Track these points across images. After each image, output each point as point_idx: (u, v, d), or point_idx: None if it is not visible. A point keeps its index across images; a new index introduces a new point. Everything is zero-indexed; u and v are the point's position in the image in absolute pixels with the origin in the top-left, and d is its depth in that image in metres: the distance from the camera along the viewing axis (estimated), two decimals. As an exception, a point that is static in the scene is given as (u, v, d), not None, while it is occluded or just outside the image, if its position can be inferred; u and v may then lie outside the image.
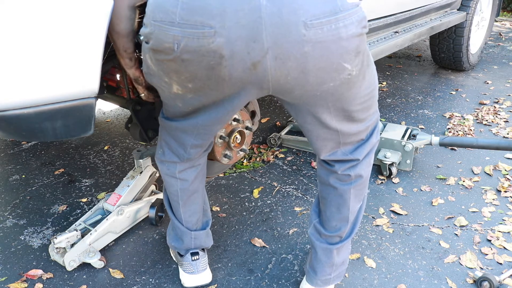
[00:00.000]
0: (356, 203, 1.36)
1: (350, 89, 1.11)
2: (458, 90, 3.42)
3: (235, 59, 0.98)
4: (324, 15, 0.96)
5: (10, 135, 1.16)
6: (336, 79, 1.05)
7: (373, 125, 1.29)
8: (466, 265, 1.67)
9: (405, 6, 2.66)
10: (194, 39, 0.97)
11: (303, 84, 1.04)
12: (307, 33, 0.96)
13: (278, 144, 2.54)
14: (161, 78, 1.11)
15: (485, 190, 2.14)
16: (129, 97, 1.65)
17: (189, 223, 1.50)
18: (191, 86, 1.08)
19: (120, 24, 1.18)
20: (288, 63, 0.99)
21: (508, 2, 6.55)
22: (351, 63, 1.04)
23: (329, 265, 1.42)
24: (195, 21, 0.96)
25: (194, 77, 1.05)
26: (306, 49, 0.97)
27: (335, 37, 0.98)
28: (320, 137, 1.23)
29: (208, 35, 0.96)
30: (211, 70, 1.01)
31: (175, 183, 1.43)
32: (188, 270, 1.55)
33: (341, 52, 1.01)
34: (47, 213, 1.98)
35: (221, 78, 1.03)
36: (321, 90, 1.07)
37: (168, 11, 0.98)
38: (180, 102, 1.17)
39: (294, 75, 1.01)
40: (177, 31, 0.98)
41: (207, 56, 0.99)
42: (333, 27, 0.98)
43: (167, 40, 1.00)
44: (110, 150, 2.52)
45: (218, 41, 0.96)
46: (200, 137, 1.30)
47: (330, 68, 1.02)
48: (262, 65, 0.99)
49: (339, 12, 0.98)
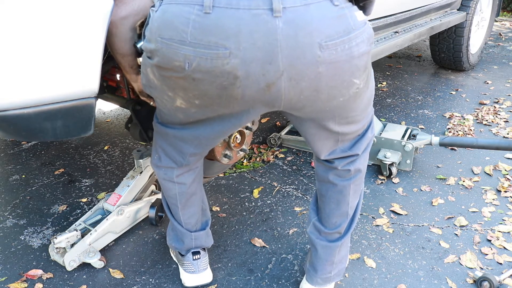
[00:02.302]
0: (355, 199, 1.37)
1: (356, 101, 1.13)
2: (458, 90, 3.42)
3: (250, 80, 0.97)
4: (338, 35, 0.97)
5: (10, 135, 1.16)
6: (345, 94, 1.07)
7: (369, 121, 1.31)
8: (466, 265, 1.67)
9: (405, 6, 2.66)
10: (208, 59, 0.95)
11: (314, 101, 1.05)
12: (321, 54, 0.96)
13: (278, 144, 2.54)
14: (164, 92, 1.09)
15: (485, 190, 2.14)
16: (129, 97, 1.65)
17: (188, 224, 1.50)
18: (198, 103, 1.07)
19: (124, 47, 1.18)
20: (302, 83, 0.99)
21: (508, 2, 6.55)
22: (359, 78, 1.06)
23: (329, 263, 1.43)
24: (208, 41, 0.94)
25: (204, 95, 1.03)
26: (320, 69, 0.98)
27: (348, 57, 0.99)
28: (321, 139, 1.24)
29: (222, 56, 0.94)
30: (224, 90, 1.00)
31: (173, 187, 1.42)
32: (189, 269, 1.55)
33: (352, 70, 1.02)
34: (47, 213, 1.98)
35: (233, 97, 1.02)
36: (330, 106, 1.08)
37: (178, 29, 0.96)
38: (181, 114, 1.15)
39: (306, 94, 1.02)
40: (189, 50, 0.96)
41: (221, 77, 0.97)
42: (346, 47, 0.98)
43: (177, 59, 0.98)
44: (110, 150, 2.52)
45: (233, 62, 0.95)
46: (201, 147, 1.29)
47: (341, 86, 1.03)
48: (276, 86, 0.99)
49: (351, 32, 0.99)
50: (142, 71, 1.12)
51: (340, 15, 0.97)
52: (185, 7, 0.95)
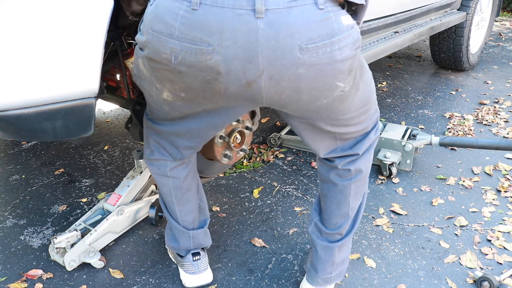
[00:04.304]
0: (356, 200, 1.37)
1: (343, 103, 1.13)
2: (458, 90, 3.42)
3: (231, 77, 1.00)
4: (320, 38, 0.98)
5: (10, 135, 1.16)
6: (329, 96, 1.07)
7: (372, 123, 1.30)
8: (466, 265, 1.67)
9: (405, 6, 2.66)
10: (192, 54, 0.98)
11: (297, 100, 1.06)
12: (302, 56, 0.98)
13: (278, 144, 2.54)
14: (153, 84, 1.12)
15: (485, 190, 2.14)
16: (129, 97, 1.65)
17: (185, 222, 1.50)
18: (183, 95, 1.10)
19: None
20: (282, 83, 1.01)
21: (508, 2, 6.55)
22: (343, 81, 1.07)
23: (330, 264, 1.43)
24: (193, 37, 0.97)
25: (189, 88, 1.06)
26: (300, 71, 0.99)
27: (330, 60, 1.00)
28: (315, 137, 1.25)
29: (206, 52, 0.97)
30: (207, 83, 1.03)
31: (167, 182, 1.43)
32: (190, 270, 1.55)
33: (335, 73, 1.03)
34: (47, 213, 1.98)
35: (216, 91, 1.04)
36: (314, 106, 1.10)
37: (168, 23, 0.99)
38: (167, 107, 1.18)
39: (287, 93, 1.04)
40: (175, 44, 0.99)
41: (204, 71, 1.00)
42: (328, 50, 0.99)
43: (164, 51, 1.01)
44: (110, 150, 2.52)
45: (215, 58, 0.97)
46: (194, 140, 1.30)
47: (323, 88, 1.04)
48: (256, 84, 1.01)
49: (335, 35, 0.99)
50: (134, 62, 1.15)
51: (324, 18, 0.98)
52: (176, 3, 0.98)
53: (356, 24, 1.07)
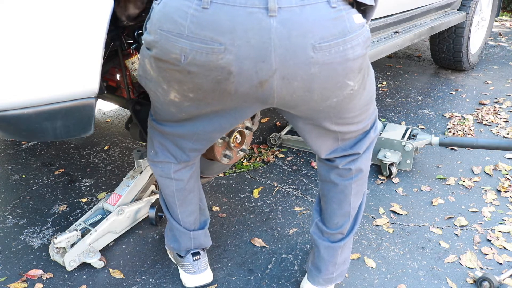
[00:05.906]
0: (357, 199, 1.37)
1: (352, 101, 1.13)
2: (458, 90, 3.42)
3: (243, 77, 0.98)
4: (333, 37, 0.97)
5: (10, 135, 1.16)
6: (339, 95, 1.07)
7: (372, 122, 1.31)
8: (466, 265, 1.67)
9: (405, 6, 2.66)
10: (203, 53, 0.96)
11: (308, 100, 1.05)
12: (315, 55, 0.96)
13: (278, 144, 2.54)
14: (159, 85, 1.10)
15: (485, 190, 2.14)
16: (129, 97, 1.65)
17: (187, 223, 1.50)
18: (192, 96, 1.08)
19: None
20: (295, 83, 1.00)
21: (508, 2, 6.55)
22: (354, 80, 1.06)
23: (332, 264, 1.43)
24: (204, 36, 0.95)
25: (198, 88, 1.04)
26: (313, 70, 0.98)
27: (342, 59, 0.99)
28: (318, 137, 1.24)
29: (217, 51, 0.95)
30: (217, 84, 1.01)
31: (170, 184, 1.42)
32: (190, 270, 1.55)
33: (346, 72, 1.02)
34: (47, 213, 1.98)
35: (226, 92, 1.03)
36: (324, 106, 1.09)
37: (177, 23, 0.97)
38: (174, 108, 1.16)
39: (299, 93, 1.03)
40: (185, 43, 0.97)
41: (215, 71, 0.98)
42: (340, 49, 0.98)
43: (174, 51, 0.99)
44: (110, 150, 2.52)
45: (227, 58, 0.96)
46: (199, 142, 1.29)
47: (334, 87, 1.04)
48: (269, 84, 1.00)
49: (347, 34, 0.99)
50: (140, 62, 1.14)
51: (337, 17, 0.97)
52: (185, 1, 0.96)
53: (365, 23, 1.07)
